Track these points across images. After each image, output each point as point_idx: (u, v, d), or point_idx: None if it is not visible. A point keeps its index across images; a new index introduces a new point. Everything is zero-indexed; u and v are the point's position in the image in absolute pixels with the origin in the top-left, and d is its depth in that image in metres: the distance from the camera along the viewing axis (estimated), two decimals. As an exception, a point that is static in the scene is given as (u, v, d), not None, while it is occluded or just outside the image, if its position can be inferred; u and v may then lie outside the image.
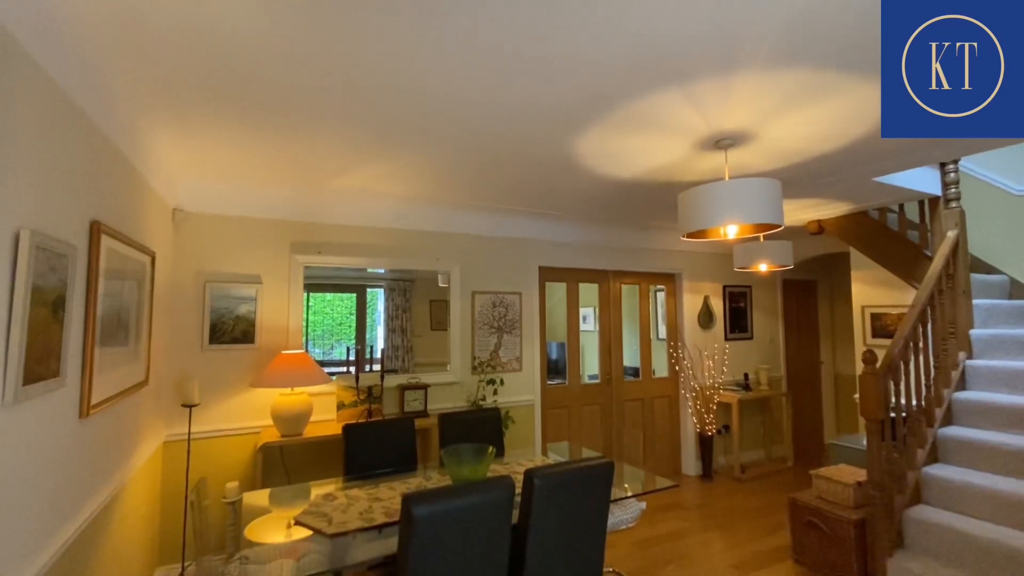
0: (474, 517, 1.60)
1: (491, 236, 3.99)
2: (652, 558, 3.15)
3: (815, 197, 3.58)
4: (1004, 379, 3.14)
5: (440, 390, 3.66)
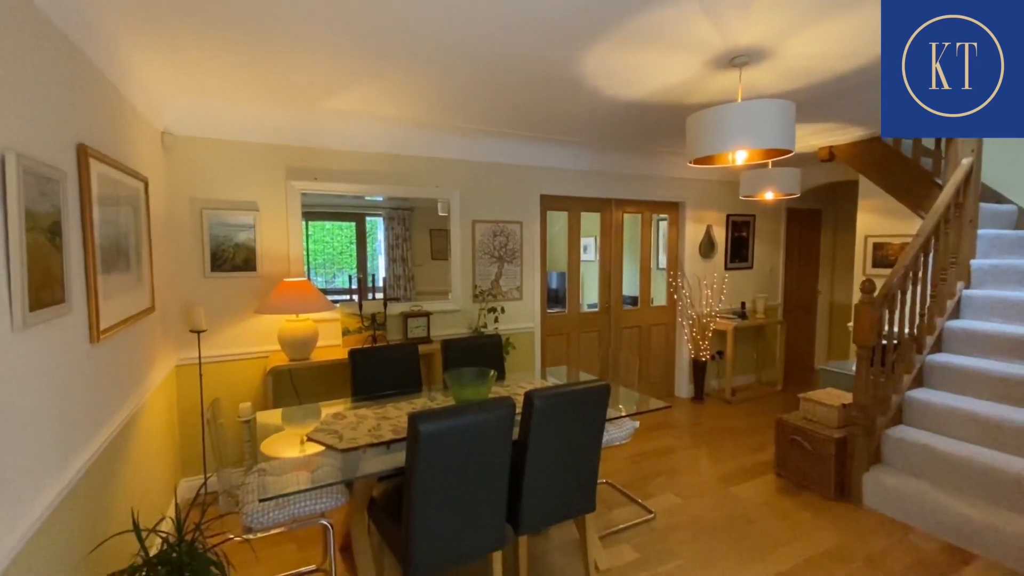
0: (477, 434, 1.69)
1: (491, 162, 3.87)
2: (643, 471, 3.37)
3: (829, 121, 3.43)
4: (998, 309, 3.18)
5: (442, 318, 3.73)
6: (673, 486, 3.16)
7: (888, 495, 2.79)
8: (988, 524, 2.42)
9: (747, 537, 2.61)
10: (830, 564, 2.38)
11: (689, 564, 2.38)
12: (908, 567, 2.35)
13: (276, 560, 2.43)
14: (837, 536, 2.61)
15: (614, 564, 2.38)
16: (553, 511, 2.04)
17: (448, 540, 1.73)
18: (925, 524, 2.64)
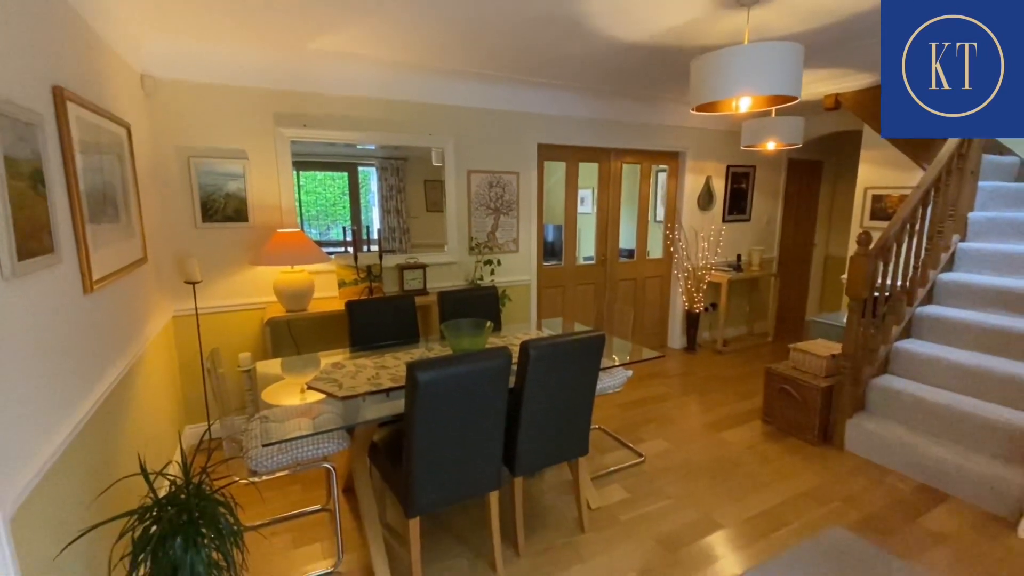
0: (474, 382, 1.72)
1: (487, 109, 3.74)
2: (635, 418, 3.49)
3: (836, 67, 3.31)
4: (991, 261, 3.20)
5: (438, 270, 3.72)
6: (663, 432, 3.28)
7: (869, 440, 2.91)
8: (961, 467, 2.54)
9: (732, 479, 2.73)
10: (809, 504, 2.51)
11: (675, 503, 2.51)
12: (883, 507, 2.49)
13: (283, 500, 2.54)
14: (818, 478, 2.74)
15: (605, 503, 2.50)
16: (548, 454, 2.12)
17: (446, 481, 1.80)
18: (902, 467, 2.77)
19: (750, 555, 2.14)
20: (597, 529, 2.31)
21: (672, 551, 2.17)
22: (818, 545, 2.19)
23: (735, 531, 2.30)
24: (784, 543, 2.22)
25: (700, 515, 2.42)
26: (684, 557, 2.13)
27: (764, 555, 2.14)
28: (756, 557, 2.13)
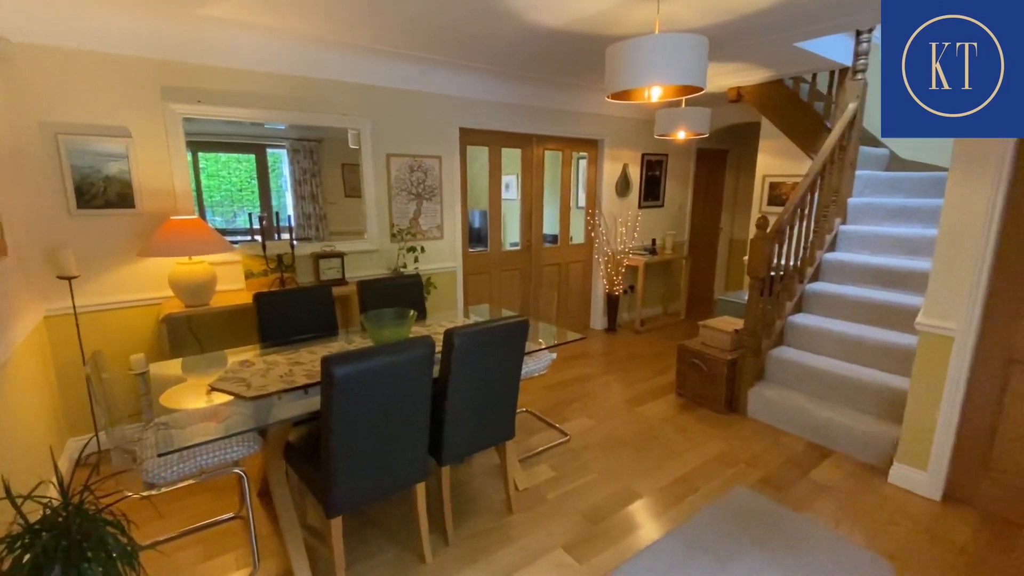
0: (395, 374, 1.67)
1: (406, 90, 3.61)
2: (560, 398, 3.58)
3: (739, 61, 3.54)
4: (867, 242, 3.61)
5: (358, 258, 3.57)
6: (587, 410, 3.40)
7: (768, 406, 3.21)
8: (843, 424, 2.87)
9: (650, 450, 2.90)
10: (718, 467, 2.72)
11: (599, 477, 2.62)
12: (780, 465, 2.76)
13: (191, 511, 2.34)
14: (725, 443, 2.98)
15: (532, 483, 2.56)
16: (475, 441, 2.12)
17: (369, 477, 1.74)
18: (795, 428, 3.08)
19: (667, 520, 2.29)
20: (525, 509, 2.35)
21: (596, 523, 2.26)
22: (725, 505, 2.38)
23: (653, 499, 2.45)
24: (696, 506, 2.39)
25: (621, 487, 2.54)
26: (607, 528, 2.23)
27: (680, 519, 2.29)
28: (673, 521, 2.28)
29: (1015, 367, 2.23)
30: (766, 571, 1.97)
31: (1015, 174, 2.15)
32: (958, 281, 2.31)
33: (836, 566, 2.00)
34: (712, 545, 2.11)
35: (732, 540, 2.15)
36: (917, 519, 2.32)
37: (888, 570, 1.99)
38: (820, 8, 2.49)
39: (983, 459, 2.36)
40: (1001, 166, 2.14)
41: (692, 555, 2.05)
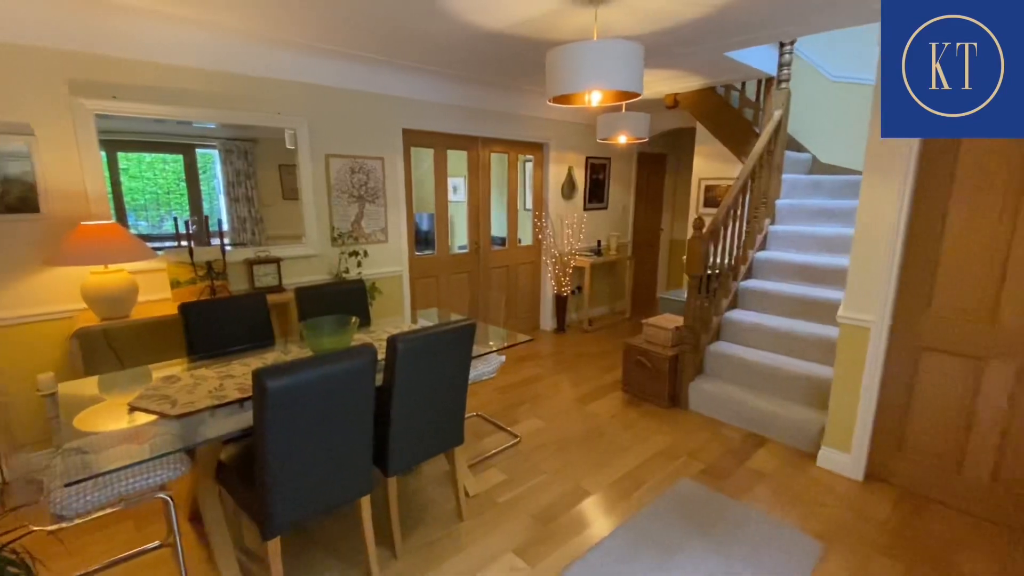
0: (334, 385, 1.60)
1: (346, 89, 3.49)
2: (510, 400, 3.58)
3: (674, 69, 3.68)
4: (794, 241, 3.85)
5: (297, 263, 3.42)
6: (537, 411, 3.42)
7: (708, 399, 3.35)
8: (776, 413, 3.03)
9: (598, 447, 2.95)
10: (663, 461, 2.81)
11: (550, 477, 2.63)
12: (720, 455, 2.88)
13: (112, 542, 2.14)
14: (669, 437, 3.08)
15: (483, 488, 2.54)
16: (423, 449, 2.07)
17: (309, 493, 1.66)
18: (734, 419, 3.23)
19: (616, 516, 2.33)
20: (475, 515, 2.33)
21: (547, 524, 2.27)
22: (670, 498, 2.46)
23: (603, 495, 2.49)
24: (643, 500, 2.45)
25: (572, 486, 2.57)
26: (558, 528, 2.25)
27: (628, 514, 2.34)
28: (621, 516, 2.32)
29: (924, 354, 2.44)
30: (709, 559, 2.05)
31: (918, 179, 2.35)
32: (873, 276, 2.50)
33: (772, 549, 2.11)
34: (658, 538, 2.17)
35: (677, 531, 2.22)
36: (843, 499, 2.48)
37: (817, 549, 2.12)
38: (746, 21, 2.63)
39: (898, 440, 2.56)
40: (907, 171, 2.34)
41: (640, 549, 2.10)
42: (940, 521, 2.32)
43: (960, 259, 2.29)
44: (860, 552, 2.11)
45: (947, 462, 2.43)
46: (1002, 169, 2.15)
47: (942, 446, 2.43)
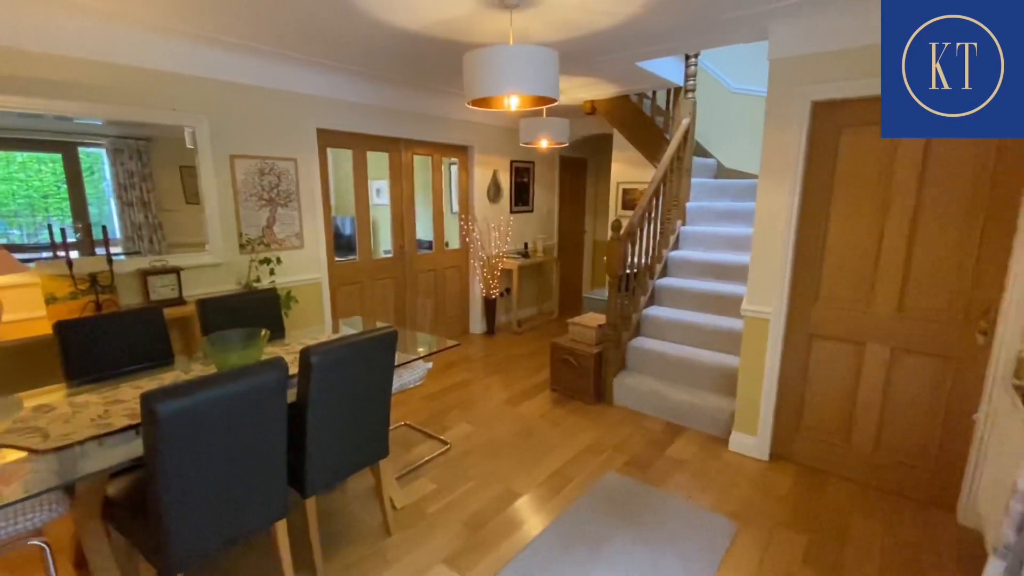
0: (240, 405, 1.48)
1: (252, 86, 3.27)
2: (439, 407, 3.52)
3: (590, 76, 3.81)
4: (703, 240, 4.11)
5: (201, 273, 3.14)
6: (467, 416, 3.39)
7: (630, 393, 3.49)
8: (692, 403, 3.22)
9: (528, 448, 2.97)
10: (589, 456, 2.89)
11: (480, 483, 2.61)
12: (642, 447, 3.01)
13: (-33, 604, 1.84)
14: (595, 432, 3.17)
15: (412, 499, 2.47)
16: (344, 465, 1.97)
17: (213, 524, 1.52)
18: (654, 411, 3.39)
19: (546, 514, 2.36)
20: (404, 528, 2.26)
21: (477, 530, 2.25)
22: (597, 492, 2.53)
23: (533, 495, 2.51)
24: (572, 496, 2.50)
25: (502, 489, 2.56)
26: (489, 533, 2.23)
27: (557, 511, 2.38)
28: (551, 515, 2.35)
29: (815, 340, 2.69)
30: (634, 548, 2.13)
31: (805, 183, 2.60)
32: (770, 272, 2.72)
33: (690, 532, 2.23)
34: (587, 532, 2.22)
35: (604, 524, 2.28)
36: (751, 478, 2.68)
37: (731, 528, 2.27)
38: (652, 32, 2.77)
39: (797, 420, 2.81)
40: (795, 176, 2.57)
41: (569, 545, 2.14)
42: (835, 492, 2.57)
43: (841, 254, 2.56)
44: (767, 528, 2.29)
45: (837, 437, 2.69)
46: (872, 173, 2.43)
47: (833, 423, 2.70)
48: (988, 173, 2.15)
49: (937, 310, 2.34)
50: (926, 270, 2.34)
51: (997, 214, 2.15)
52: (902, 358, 2.45)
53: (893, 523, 2.32)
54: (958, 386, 2.32)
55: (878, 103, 2.34)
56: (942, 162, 2.24)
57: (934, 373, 2.38)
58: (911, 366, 2.44)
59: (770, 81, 2.61)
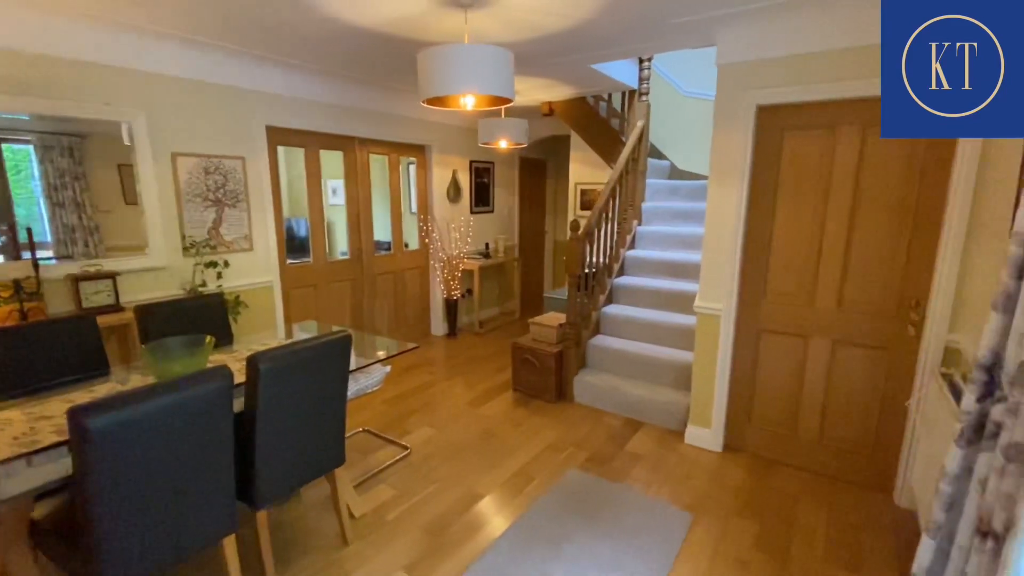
0: (180, 417, 1.40)
1: (195, 80, 3.11)
2: (400, 411, 3.46)
3: (547, 77, 3.83)
4: (658, 240, 4.22)
5: (141, 278, 2.97)
6: (428, 419, 3.35)
7: (590, 390, 3.53)
8: (649, 398, 3.29)
9: (490, 449, 2.96)
10: (551, 454, 2.90)
11: (442, 486, 2.58)
12: (602, 443, 3.05)
13: None
14: (556, 431, 3.19)
15: (371, 506, 2.41)
16: (297, 475, 1.90)
17: (154, 543, 1.43)
18: (614, 407, 3.45)
19: (508, 515, 2.35)
20: (362, 537, 2.20)
21: (438, 536, 2.22)
22: (558, 490, 2.55)
23: (495, 497, 2.50)
24: (534, 496, 2.50)
25: (464, 491, 2.54)
26: (450, 537, 2.20)
27: (519, 512, 2.38)
28: (513, 515, 2.35)
29: (763, 335, 2.81)
30: (595, 544, 2.15)
31: (752, 185, 2.70)
32: (720, 270, 2.82)
33: (649, 525, 2.28)
34: (548, 531, 2.23)
35: (565, 522, 2.30)
36: (706, 470, 2.77)
37: (687, 519, 2.33)
38: (604, 36, 2.81)
39: (748, 412, 2.92)
40: (742, 178, 2.67)
41: (531, 545, 2.14)
42: (783, 480, 2.68)
43: (786, 253, 2.68)
44: (721, 517, 2.36)
45: (785, 427, 2.82)
46: (813, 175, 2.55)
47: (781, 414, 2.82)
48: (917, 172, 2.30)
49: (872, 304, 2.48)
50: (862, 266, 2.48)
51: (925, 212, 2.31)
52: (842, 350, 2.59)
53: (836, 507, 2.44)
54: (892, 375, 2.48)
55: (819, 107, 2.46)
56: (876, 163, 2.38)
57: (871, 364, 2.53)
58: (850, 358, 2.58)
59: (718, 86, 2.70)
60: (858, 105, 2.36)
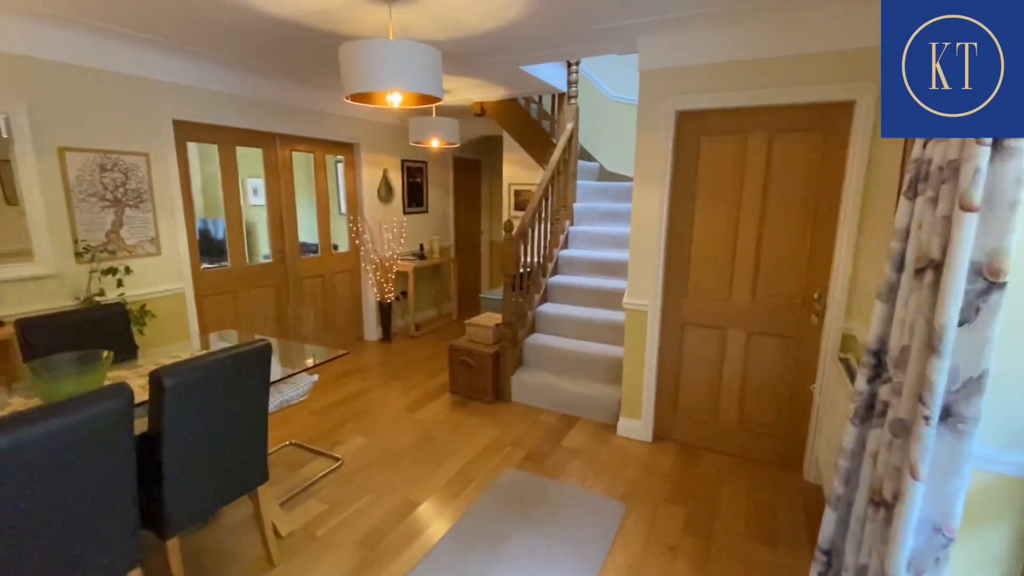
0: (68, 443, 1.25)
1: (88, 68, 2.80)
2: (332, 421, 3.32)
3: (478, 78, 3.82)
4: (589, 239, 4.33)
5: (23, 288, 2.63)
6: (362, 428, 3.23)
7: (527, 389, 3.56)
8: (583, 394, 3.37)
9: (427, 454, 2.90)
10: (489, 455, 2.90)
11: (376, 496, 2.50)
12: (539, 440, 3.08)
13: None
14: (494, 431, 3.19)
15: (299, 523, 2.29)
16: (213, 498, 1.76)
17: (39, 588, 1.27)
18: (550, 404, 3.50)
19: (446, 520, 2.31)
20: (290, 557, 2.08)
21: (372, 548, 2.14)
22: (496, 490, 2.54)
23: (432, 502, 2.45)
24: (472, 498, 2.48)
25: (399, 500, 2.47)
26: (386, 548, 2.14)
27: (457, 515, 2.35)
28: (451, 519, 2.32)
29: (686, 328, 2.96)
30: (532, 541, 2.17)
31: (673, 187, 2.83)
32: (646, 268, 2.94)
33: (585, 518, 2.33)
34: (486, 532, 2.22)
35: (503, 521, 2.29)
36: (638, 460, 2.87)
37: (621, 509, 2.41)
38: (532, 37, 2.84)
39: (674, 402, 3.06)
40: (664, 180, 2.80)
41: (469, 547, 2.12)
42: (708, 465, 2.84)
43: (705, 251, 2.84)
44: (652, 505, 2.46)
45: (708, 415, 2.98)
46: (727, 176, 2.72)
47: (704, 402, 2.98)
48: (816, 171, 2.51)
49: (782, 296, 2.69)
50: (772, 262, 2.68)
51: (824, 212, 2.52)
52: (756, 340, 2.78)
53: (753, 487, 2.62)
54: (800, 362, 2.69)
55: (732, 114, 2.63)
56: (782, 164, 2.58)
57: (781, 352, 2.73)
58: (763, 347, 2.77)
59: (640, 91, 2.81)
60: (766, 112, 2.54)
